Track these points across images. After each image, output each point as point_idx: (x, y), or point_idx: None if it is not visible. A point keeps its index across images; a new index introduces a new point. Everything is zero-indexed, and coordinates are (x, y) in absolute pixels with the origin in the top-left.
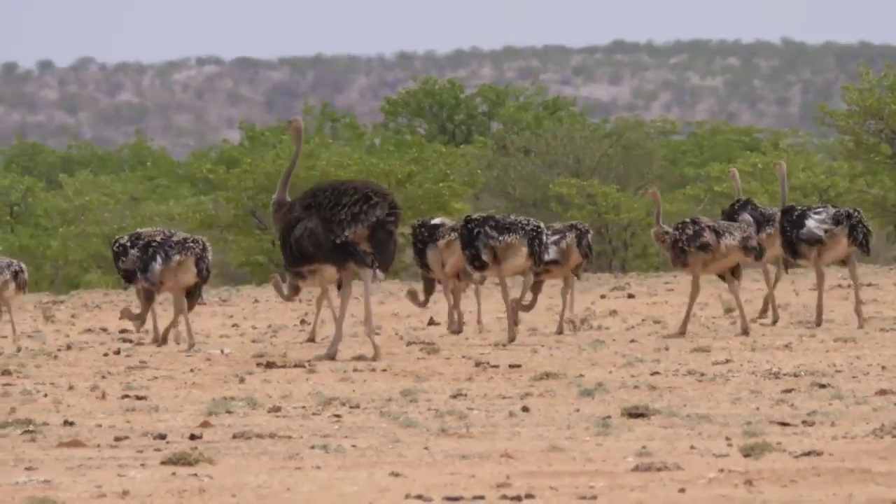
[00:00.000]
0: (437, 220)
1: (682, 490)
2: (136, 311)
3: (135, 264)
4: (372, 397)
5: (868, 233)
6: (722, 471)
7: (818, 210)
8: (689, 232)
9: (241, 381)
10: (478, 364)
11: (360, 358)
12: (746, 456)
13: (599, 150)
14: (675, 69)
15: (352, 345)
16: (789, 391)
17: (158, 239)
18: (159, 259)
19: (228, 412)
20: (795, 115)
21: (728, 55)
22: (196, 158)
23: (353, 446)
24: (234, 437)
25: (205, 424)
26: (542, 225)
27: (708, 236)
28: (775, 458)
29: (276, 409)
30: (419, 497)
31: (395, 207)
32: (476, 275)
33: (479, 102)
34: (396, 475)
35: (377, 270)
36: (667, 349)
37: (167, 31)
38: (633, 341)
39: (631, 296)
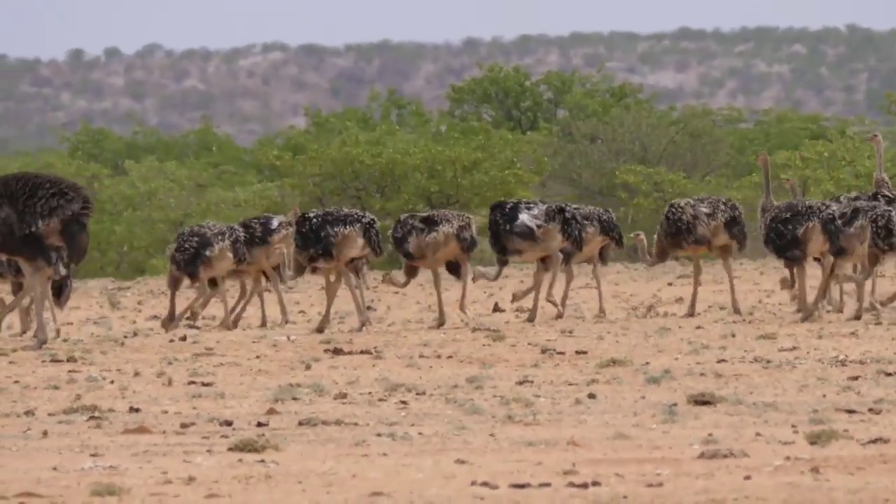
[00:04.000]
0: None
1: (748, 477)
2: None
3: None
4: (438, 384)
5: (582, 228)
6: (788, 458)
7: (530, 204)
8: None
9: (308, 367)
10: (544, 351)
11: (426, 344)
12: (813, 443)
13: (666, 137)
14: (742, 56)
15: (417, 331)
16: (856, 378)
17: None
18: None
19: (295, 399)
20: (862, 102)
21: (794, 42)
22: (262, 145)
23: (420, 433)
24: (301, 423)
25: (271, 411)
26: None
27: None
28: (842, 446)
29: (343, 396)
30: (485, 484)
31: (88, 202)
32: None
33: (545, 89)
34: (462, 462)
35: (61, 266)
36: (733, 336)
37: (233, 17)
38: (699, 328)
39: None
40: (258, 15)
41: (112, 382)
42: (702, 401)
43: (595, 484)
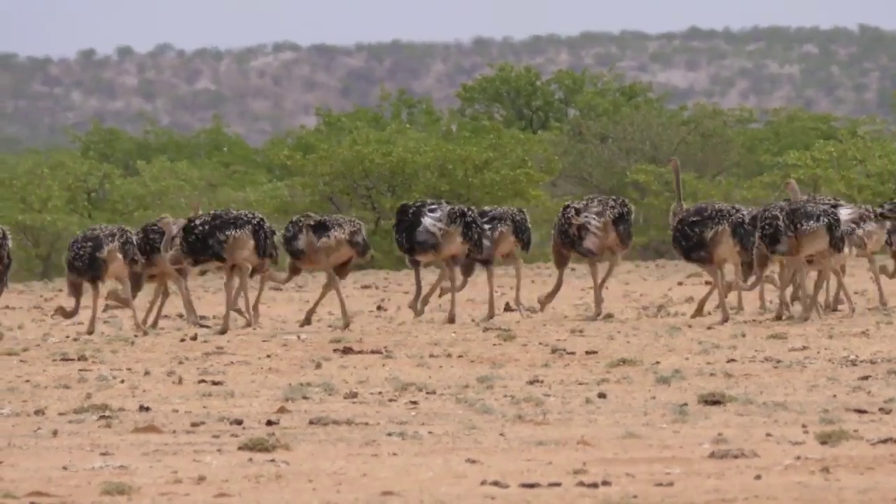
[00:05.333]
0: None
1: (758, 477)
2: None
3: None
4: (448, 384)
5: (482, 231)
6: (798, 458)
7: (434, 207)
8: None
9: (318, 366)
10: (554, 351)
11: (437, 343)
12: (823, 443)
13: (677, 136)
14: (752, 56)
15: (428, 330)
16: (866, 378)
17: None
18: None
19: (305, 398)
20: (873, 101)
21: (805, 42)
22: (273, 145)
23: (430, 433)
24: (311, 423)
25: (281, 410)
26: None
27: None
28: (852, 446)
29: (353, 395)
30: (495, 483)
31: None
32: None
33: (556, 89)
34: (472, 462)
35: None
36: (743, 336)
37: (244, 17)
38: (709, 328)
39: (708, 282)
40: (269, 15)
41: (122, 381)
42: (712, 400)
43: (605, 483)
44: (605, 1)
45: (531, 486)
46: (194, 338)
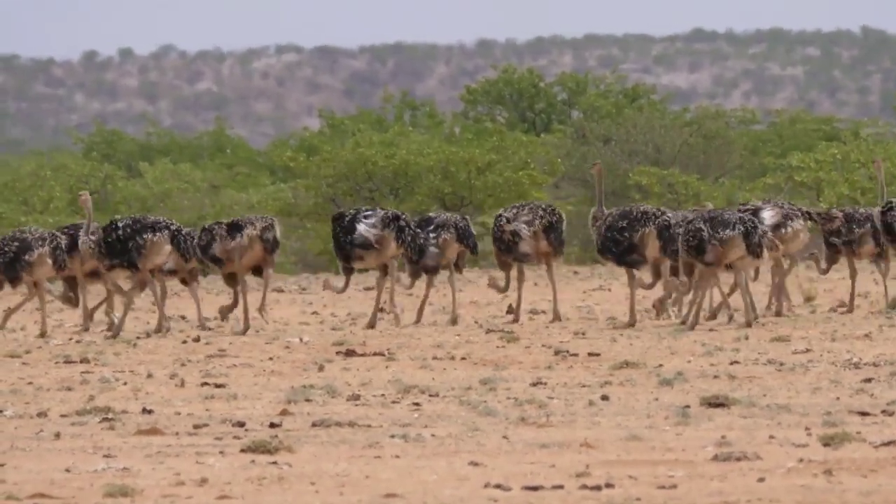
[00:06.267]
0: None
1: (761, 479)
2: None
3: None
4: (451, 386)
5: (416, 236)
6: (801, 460)
7: (368, 213)
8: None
9: (321, 369)
10: (557, 353)
11: (440, 346)
12: (826, 446)
13: (680, 138)
14: (755, 58)
15: (431, 333)
16: (869, 381)
17: None
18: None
19: (308, 400)
20: (876, 104)
21: (808, 44)
22: (276, 146)
23: (433, 435)
24: (314, 425)
25: (284, 412)
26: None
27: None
28: (855, 448)
29: (356, 398)
30: (498, 486)
31: None
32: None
33: (559, 91)
34: (475, 464)
35: None
36: (746, 338)
37: (247, 18)
38: (712, 330)
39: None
40: (272, 16)
41: (125, 384)
42: (715, 403)
43: (608, 486)
44: (609, 3)
45: (534, 488)
46: (197, 340)
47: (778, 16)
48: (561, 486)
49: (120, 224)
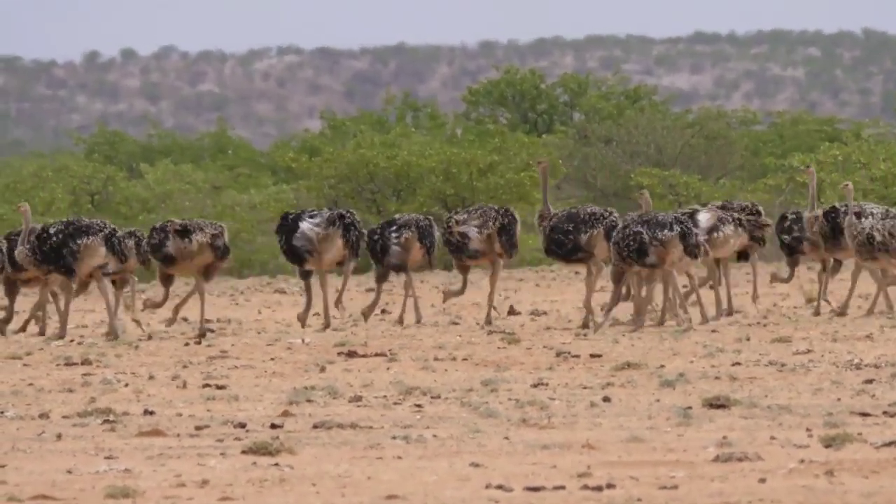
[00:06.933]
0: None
1: (762, 480)
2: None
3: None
4: (453, 387)
5: (360, 235)
6: (802, 461)
7: (314, 213)
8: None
9: (322, 370)
10: (558, 354)
11: (441, 347)
12: (827, 446)
13: (681, 139)
14: (757, 59)
15: (433, 333)
16: (870, 382)
17: None
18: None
19: (309, 401)
20: (877, 105)
21: (809, 45)
22: (278, 147)
23: (434, 436)
24: (315, 426)
25: (285, 414)
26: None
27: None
28: (856, 449)
29: (357, 399)
30: (499, 487)
31: None
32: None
33: (561, 92)
34: (477, 465)
35: None
36: (748, 339)
37: (248, 20)
38: (714, 331)
39: (711, 286)
40: (273, 17)
41: (126, 385)
42: (716, 404)
43: (610, 487)
44: (611, 4)
45: (535, 489)
46: (198, 341)
47: (779, 17)
48: (562, 487)
49: (52, 230)
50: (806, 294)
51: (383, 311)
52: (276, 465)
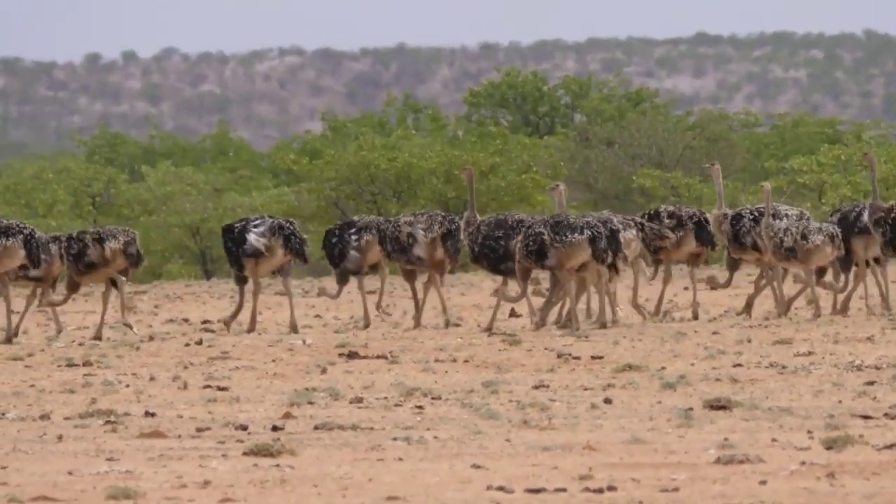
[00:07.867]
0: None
1: (763, 482)
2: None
3: None
4: (454, 389)
5: (303, 242)
6: (804, 463)
7: (256, 223)
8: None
9: (324, 371)
10: (560, 356)
11: (442, 349)
12: (828, 448)
13: (683, 141)
14: (758, 61)
15: (433, 335)
16: (871, 384)
17: None
18: None
19: (310, 403)
20: (879, 107)
21: (811, 47)
22: (279, 149)
23: (435, 438)
24: (316, 428)
25: (287, 415)
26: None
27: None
28: (857, 451)
29: (359, 401)
30: (501, 489)
31: None
32: None
33: (562, 94)
34: (478, 467)
35: None
36: (749, 341)
37: (250, 21)
38: (715, 333)
39: (713, 288)
40: (275, 19)
41: (128, 386)
42: (718, 406)
43: (611, 489)
44: (612, 6)
45: (537, 491)
46: (199, 342)
47: (781, 19)
48: (563, 489)
49: None
50: (807, 296)
51: (383, 312)
52: (278, 466)
